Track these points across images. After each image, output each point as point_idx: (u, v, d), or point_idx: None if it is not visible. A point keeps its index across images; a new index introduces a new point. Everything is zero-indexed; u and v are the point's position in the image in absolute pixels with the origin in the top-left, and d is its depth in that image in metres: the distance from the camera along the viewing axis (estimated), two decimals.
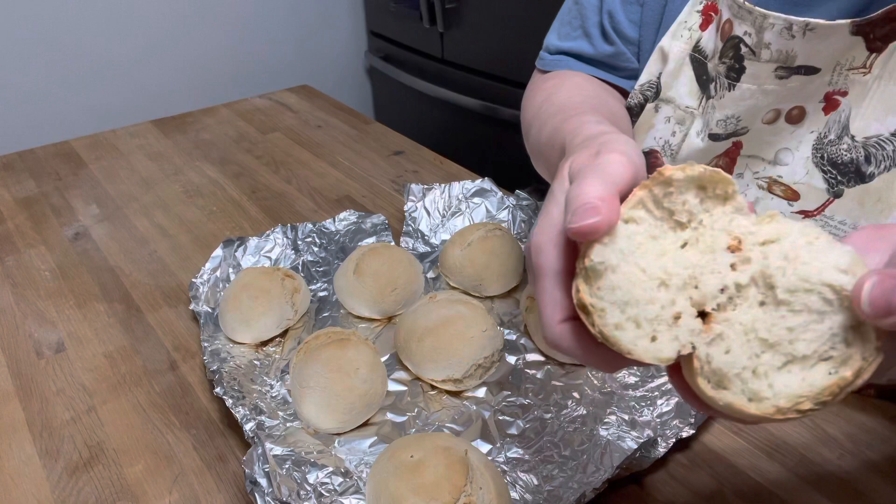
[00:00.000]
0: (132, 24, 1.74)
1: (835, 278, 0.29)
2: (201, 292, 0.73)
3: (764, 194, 0.60)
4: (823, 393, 0.29)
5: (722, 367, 0.31)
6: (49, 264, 0.84)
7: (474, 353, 0.62)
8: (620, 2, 0.70)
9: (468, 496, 0.47)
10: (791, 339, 0.30)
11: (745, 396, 0.30)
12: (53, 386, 0.66)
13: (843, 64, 0.54)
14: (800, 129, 0.58)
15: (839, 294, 0.29)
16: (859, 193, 0.54)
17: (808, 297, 0.30)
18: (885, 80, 0.52)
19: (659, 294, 0.32)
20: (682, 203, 0.33)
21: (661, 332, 0.32)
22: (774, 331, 0.30)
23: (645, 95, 0.69)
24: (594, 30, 0.72)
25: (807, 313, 0.30)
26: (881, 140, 0.53)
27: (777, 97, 0.57)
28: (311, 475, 0.52)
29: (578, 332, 0.34)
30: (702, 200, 0.33)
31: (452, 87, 1.74)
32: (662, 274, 0.32)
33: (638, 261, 0.32)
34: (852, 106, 0.54)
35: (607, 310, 0.32)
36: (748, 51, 0.57)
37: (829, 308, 0.29)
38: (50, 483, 0.56)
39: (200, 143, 1.16)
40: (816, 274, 0.30)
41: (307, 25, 2.05)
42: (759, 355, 0.30)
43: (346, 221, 0.83)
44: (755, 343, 0.31)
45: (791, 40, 0.54)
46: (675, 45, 0.65)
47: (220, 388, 0.58)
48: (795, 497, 0.52)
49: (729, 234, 0.32)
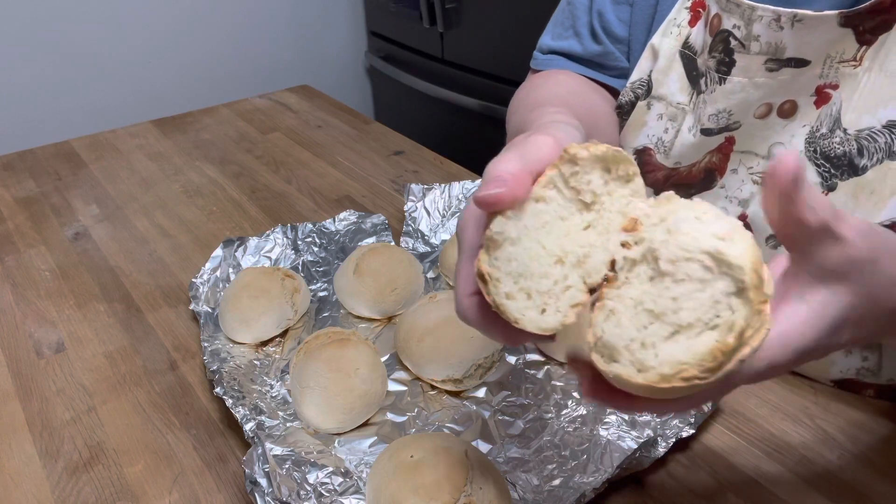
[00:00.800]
0: (132, 24, 1.74)
1: (711, 244, 0.30)
2: (201, 292, 0.73)
3: (759, 189, 0.60)
4: (706, 359, 0.29)
5: (612, 340, 0.32)
6: (49, 264, 0.84)
7: (474, 353, 0.62)
8: (611, 2, 0.71)
9: (468, 496, 0.47)
10: (675, 309, 0.30)
11: (634, 367, 0.31)
12: (53, 386, 0.66)
13: (834, 57, 0.54)
14: (792, 123, 0.58)
15: (718, 260, 0.29)
16: (853, 186, 0.54)
17: (689, 266, 0.30)
18: (875, 73, 0.52)
19: (554, 270, 0.33)
20: (587, 182, 0.34)
21: (550, 305, 0.33)
22: (660, 301, 0.31)
23: (636, 93, 0.69)
24: (584, 29, 0.73)
25: (689, 282, 0.30)
26: (873, 132, 0.53)
27: (768, 90, 0.57)
28: (311, 475, 0.52)
29: (483, 305, 0.34)
30: (606, 182, 0.34)
31: (452, 87, 1.74)
32: (560, 251, 0.34)
33: (540, 237, 0.34)
34: (844, 99, 0.54)
35: (502, 280, 0.33)
36: (738, 44, 0.57)
37: (710, 275, 0.30)
38: (50, 483, 0.56)
39: (200, 143, 1.16)
40: (694, 242, 0.30)
41: (307, 25, 2.05)
42: (647, 327, 0.31)
43: (346, 221, 0.83)
44: (643, 315, 0.31)
45: (780, 32, 0.54)
46: (665, 43, 0.65)
47: (220, 388, 0.58)
48: (795, 497, 0.52)
49: (624, 215, 0.34)
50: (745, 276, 0.29)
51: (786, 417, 0.59)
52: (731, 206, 0.63)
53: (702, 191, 0.65)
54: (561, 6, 0.77)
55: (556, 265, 0.34)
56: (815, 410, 0.60)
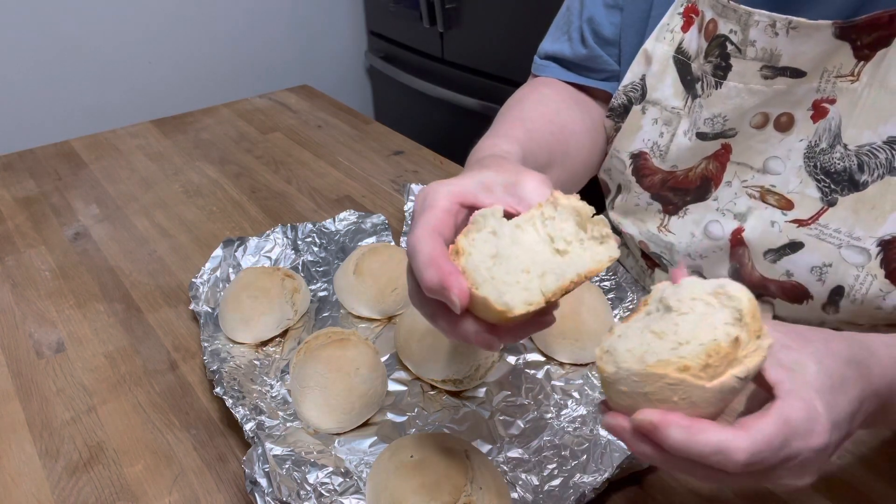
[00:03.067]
0: (132, 24, 1.74)
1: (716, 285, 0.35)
2: (201, 292, 0.73)
3: (757, 203, 0.60)
4: (700, 356, 0.33)
5: (617, 347, 0.36)
6: (49, 264, 0.84)
7: (474, 353, 0.62)
8: (602, 6, 0.71)
9: (468, 496, 0.47)
10: (677, 331, 0.35)
11: (634, 357, 0.35)
12: (53, 386, 0.66)
13: (831, 71, 0.54)
14: (788, 136, 0.58)
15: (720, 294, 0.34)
16: (853, 202, 0.54)
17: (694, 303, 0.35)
18: (875, 88, 0.52)
19: (520, 276, 0.38)
20: (560, 230, 0.40)
21: (509, 293, 0.37)
22: (665, 326, 0.35)
23: (629, 96, 0.70)
24: (575, 34, 0.74)
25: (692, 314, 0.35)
26: (874, 148, 0.53)
27: (763, 98, 0.58)
28: (311, 475, 0.52)
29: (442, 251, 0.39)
30: (581, 240, 0.40)
31: (452, 87, 1.74)
32: (529, 263, 0.39)
33: (514, 251, 0.39)
34: (843, 114, 0.54)
35: (474, 255, 0.38)
36: (734, 48, 0.58)
37: (713, 309, 0.35)
38: (50, 483, 0.56)
39: (200, 143, 1.16)
40: (701, 287, 0.36)
41: (307, 25, 2.05)
42: (651, 343, 0.35)
43: (346, 221, 0.83)
44: (648, 335, 0.35)
45: (775, 38, 0.55)
46: (658, 48, 0.66)
47: (220, 388, 0.58)
48: (795, 497, 0.52)
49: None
50: (743, 306, 0.33)
51: None
52: (724, 218, 0.63)
53: (696, 200, 0.65)
54: (561, 10, 0.78)
55: (522, 273, 0.38)
56: None
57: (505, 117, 0.69)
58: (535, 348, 0.66)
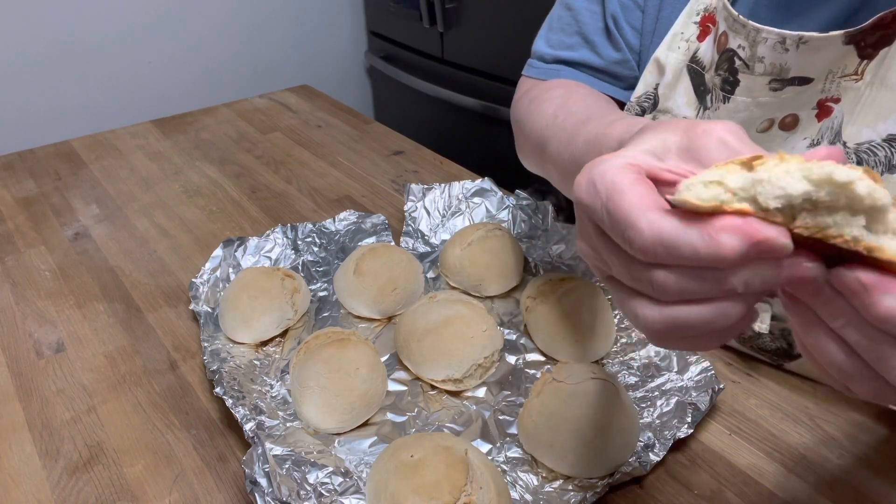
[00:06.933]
0: (132, 24, 1.74)
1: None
2: (201, 292, 0.73)
3: None
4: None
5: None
6: (49, 264, 0.84)
7: (474, 353, 0.62)
8: (620, 7, 0.69)
9: (468, 496, 0.47)
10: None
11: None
12: (53, 386, 0.66)
13: (836, 72, 0.54)
14: (793, 135, 0.58)
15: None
16: None
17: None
18: (876, 87, 0.52)
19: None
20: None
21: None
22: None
23: (642, 107, 0.68)
24: (597, 37, 0.70)
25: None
26: (873, 146, 0.53)
27: (771, 108, 0.58)
28: (311, 475, 0.52)
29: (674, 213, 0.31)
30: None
31: (452, 87, 1.74)
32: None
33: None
34: (845, 112, 0.54)
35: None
36: (742, 64, 0.57)
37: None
38: (50, 483, 0.56)
39: (200, 143, 1.16)
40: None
41: (307, 25, 2.05)
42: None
43: (346, 221, 0.83)
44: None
45: (785, 54, 0.54)
46: (671, 57, 0.65)
47: (220, 388, 0.58)
48: (795, 497, 0.52)
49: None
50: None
51: (786, 417, 0.59)
52: None
53: None
54: (557, 12, 0.74)
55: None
56: (815, 410, 0.60)
57: (572, 116, 0.61)
58: (535, 348, 0.66)
